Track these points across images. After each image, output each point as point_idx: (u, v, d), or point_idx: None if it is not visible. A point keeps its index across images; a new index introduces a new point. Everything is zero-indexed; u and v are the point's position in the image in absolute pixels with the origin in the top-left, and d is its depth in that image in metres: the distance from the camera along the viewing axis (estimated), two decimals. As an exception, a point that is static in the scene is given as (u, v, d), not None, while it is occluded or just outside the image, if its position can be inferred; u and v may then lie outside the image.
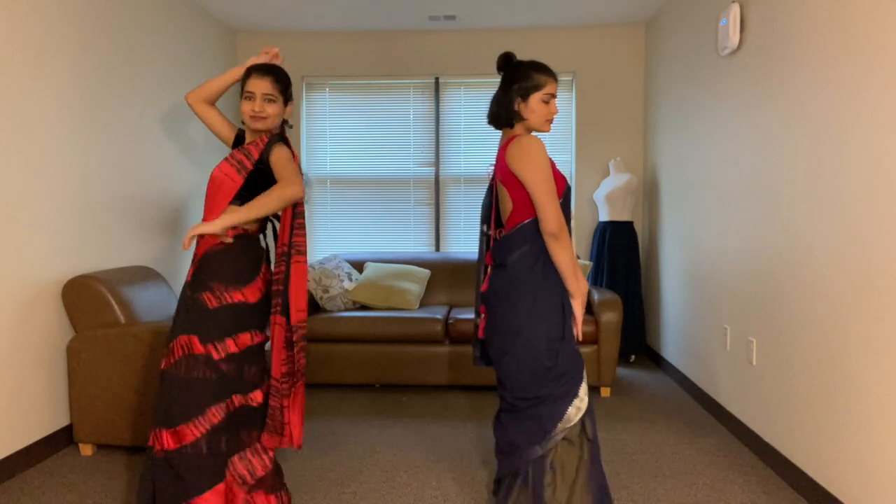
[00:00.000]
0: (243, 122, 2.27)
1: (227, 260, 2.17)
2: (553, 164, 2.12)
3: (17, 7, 2.81)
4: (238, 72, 2.36)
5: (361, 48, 5.18)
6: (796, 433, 2.68)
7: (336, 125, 5.28)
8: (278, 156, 2.17)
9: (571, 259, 2.05)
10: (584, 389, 2.09)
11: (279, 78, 2.23)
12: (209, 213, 2.19)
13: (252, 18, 4.84)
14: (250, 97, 2.20)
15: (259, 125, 2.21)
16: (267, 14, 4.74)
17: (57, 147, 3.06)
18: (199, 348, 2.11)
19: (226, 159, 2.20)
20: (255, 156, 2.18)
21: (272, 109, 2.21)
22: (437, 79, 5.19)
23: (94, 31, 3.34)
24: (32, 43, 2.91)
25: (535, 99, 2.08)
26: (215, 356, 2.12)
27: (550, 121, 2.13)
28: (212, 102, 2.42)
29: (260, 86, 2.19)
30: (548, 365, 2.04)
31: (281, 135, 2.27)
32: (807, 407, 2.59)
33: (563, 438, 2.06)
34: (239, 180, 2.16)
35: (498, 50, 5.12)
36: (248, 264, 2.21)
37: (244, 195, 2.19)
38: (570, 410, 2.05)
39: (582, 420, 2.08)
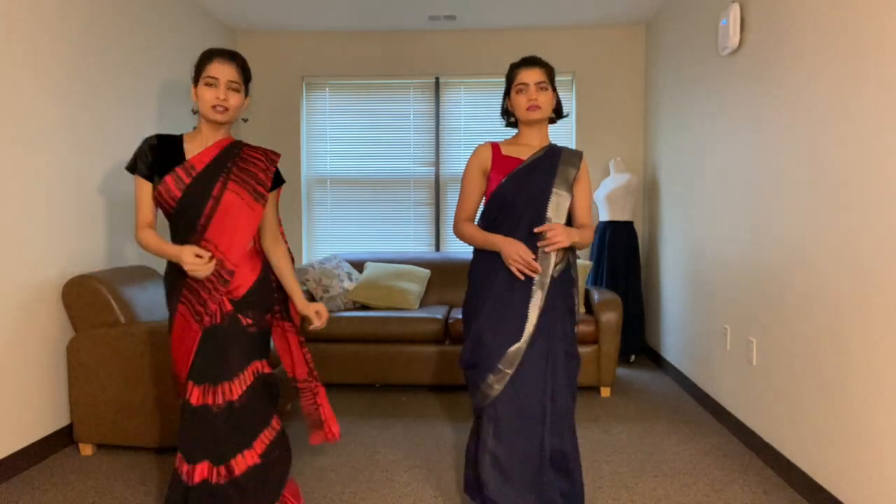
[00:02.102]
0: (194, 111, 2.02)
1: (272, 284, 2.15)
2: (494, 171, 2.21)
3: (14, 8, 2.81)
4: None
5: (361, 48, 5.18)
6: (796, 433, 2.68)
7: (336, 125, 5.28)
8: (274, 203, 2.12)
9: (474, 239, 2.20)
10: (495, 390, 2.13)
11: (244, 66, 2.02)
12: (231, 243, 1.96)
13: (252, 18, 4.84)
14: (213, 84, 1.92)
15: (222, 117, 1.95)
16: (267, 14, 4.74)
17: (57, 147, 3.06)
18: (269, 369, 2.10)
19: (238, 183, 1.97)
20: (269, 185, 2.04)
21: (235, 100, 1.97)
22: (437, 79, 5.19)
23: (92, 30, 3.34)
24: (32, 44, 2.91)
25: (513, 94, 2.24)
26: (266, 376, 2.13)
27: (531, 108, 2.17)
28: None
29: (225, 72, 1.93)
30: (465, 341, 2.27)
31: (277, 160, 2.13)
32: (807, 407, 2.59)
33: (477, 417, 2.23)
34: (260, 211, 2.00)
35: (498, 50, 5.12)
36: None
37: None
38: (478, 395, 2.18)
39: (490, 413, 2.14)
